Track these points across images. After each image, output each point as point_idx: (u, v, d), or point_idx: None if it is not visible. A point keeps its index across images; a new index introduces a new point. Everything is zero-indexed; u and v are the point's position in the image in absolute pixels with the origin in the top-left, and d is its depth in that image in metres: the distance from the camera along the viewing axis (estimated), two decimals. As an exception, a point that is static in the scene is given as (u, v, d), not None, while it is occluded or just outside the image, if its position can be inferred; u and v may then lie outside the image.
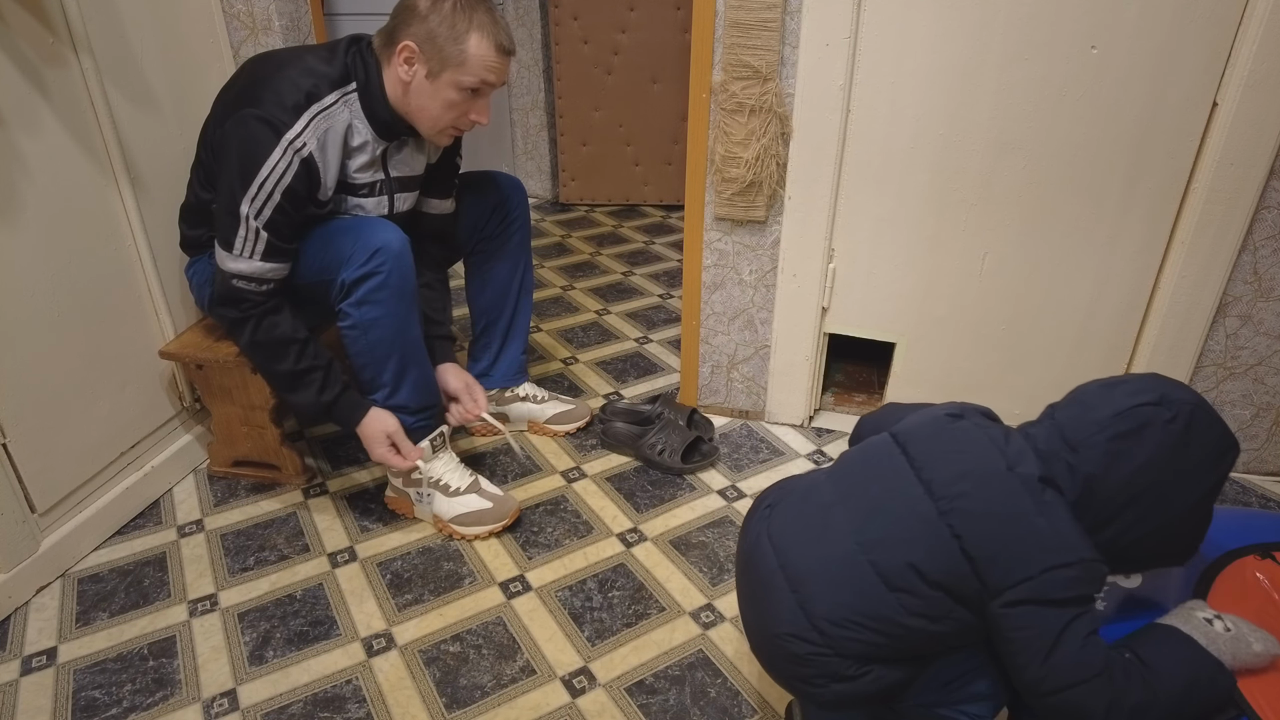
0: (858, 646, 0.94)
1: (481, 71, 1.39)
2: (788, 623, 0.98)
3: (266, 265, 1.38)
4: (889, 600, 0.93)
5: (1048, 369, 1.76)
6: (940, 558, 0.91)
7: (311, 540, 1.58)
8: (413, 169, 1.57)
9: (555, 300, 2.61)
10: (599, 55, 3.17)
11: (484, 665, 1.32)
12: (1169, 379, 0.96)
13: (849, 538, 0.97)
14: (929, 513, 0.93)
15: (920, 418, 1.04)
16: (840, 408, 1.99)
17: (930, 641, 0.94)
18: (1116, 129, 1.52)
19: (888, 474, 1.00)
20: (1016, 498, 0.90)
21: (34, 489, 1.43)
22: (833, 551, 0.98)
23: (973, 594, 0.90)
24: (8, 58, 1.32)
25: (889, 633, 0.93)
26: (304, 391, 1.45)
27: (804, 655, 0.96)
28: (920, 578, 0.92)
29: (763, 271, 1.80)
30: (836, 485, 1.04)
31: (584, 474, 1.78)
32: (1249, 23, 1.40)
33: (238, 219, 1.35)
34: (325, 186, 1.42)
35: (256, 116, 1.33)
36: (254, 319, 1.40)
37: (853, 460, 1.06)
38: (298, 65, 1.39)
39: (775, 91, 1.60)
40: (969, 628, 0.92)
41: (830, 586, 0.96)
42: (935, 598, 0.91)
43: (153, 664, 1.32)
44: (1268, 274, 1.59)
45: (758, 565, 1.04)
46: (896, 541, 0.94)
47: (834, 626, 0.95)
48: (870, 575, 0.94)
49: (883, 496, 0.98)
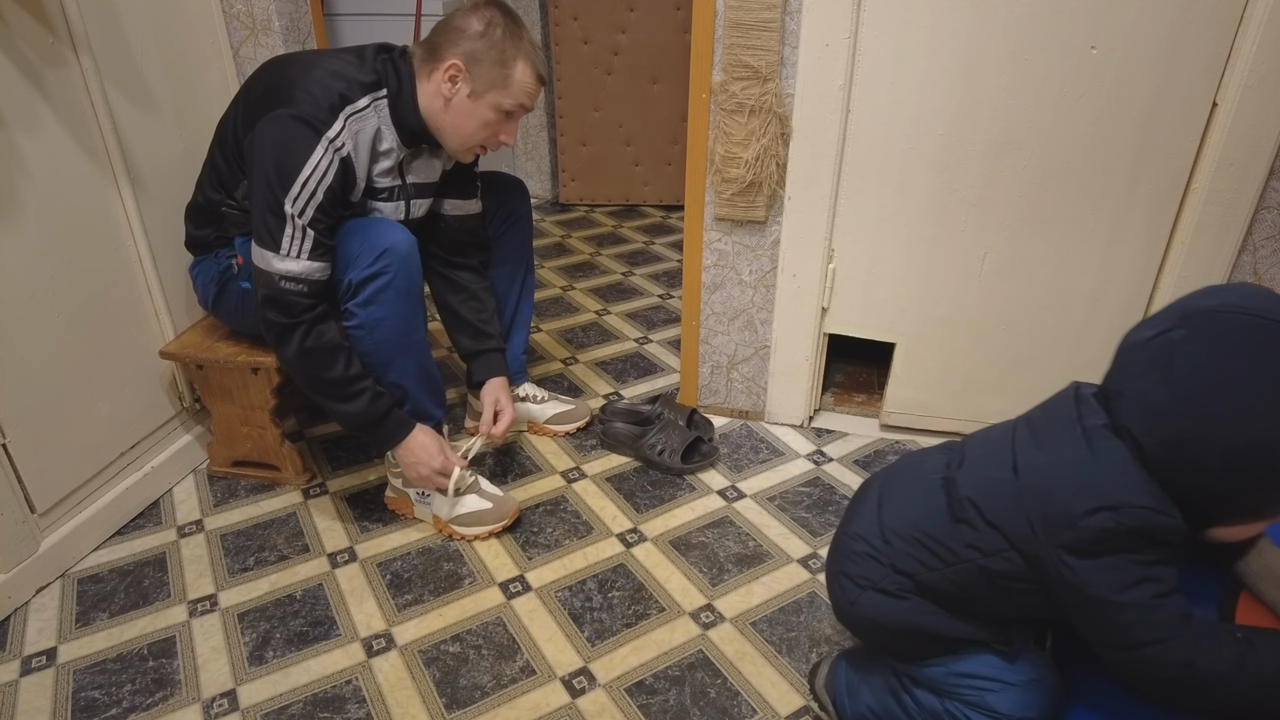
0: (911, 563, 0.99)
1: (521, 96, 1.44)
2: (862, 523, 1.06)
3: (314, 265, 1.36)
4: (950, 529, 0.96)
5: (1048, 369, 1.75)
6: (999, 495, 0.92)
7: (311, 540, 1.58)
8: (428, 176, 1.58)
9: (555, 300, 2.61)
10: (599, 55, 3.17)
11: (484, 665, 1.32)
12: (1211, 290, 0.86)
13: (939, 470, 1.02)
14: (1004, 453, 0.95)
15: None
16: (840, 408, 1.99)
17: (979, 580, 0.94)
18: (1116, 129, 1.52)
19: (994, 428, 1.03)
20: (1073, 443, 0.88)
21: (34, 489, 1.43)
22: (921, 476, 1.04)
23: (1024, 538, 0.90)
24: (8, 58, 1.32)
25: (942, 556, 0.96)
26: (356, 400, 1.42)
27: (861, 554, 1.04)
28: (979, 513, 0.93)
29: (763, 272, 1.80)
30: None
31: (584, 474, 1.78)
32: (1249, 23, 1.40)
33: (283, 218, 1.33)
34: (358, 188, 1.44)
35: (294, 116, 1.33)
36: (306, 324, 1.37)
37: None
38: (327, 67, 1.39)
39: (775, 92, 1.60)
40: (1020, 578, 0.92)
41: (906, 503, 1.03)
42: (989, 534, 0.92)
43: (152, 664, 1.32)
44: (1268, 274, 1.59)
45: (868, 481, 1.15)
46: (969, 474, 0.98)
47: (898, 539, 1.01)
48: (940, 501, 0.98)
49: (976, 437, 1.04)
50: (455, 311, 1.72)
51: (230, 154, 1.46)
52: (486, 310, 1.74)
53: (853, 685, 1.15)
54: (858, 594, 1.04)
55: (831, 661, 1.21)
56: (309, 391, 1.44)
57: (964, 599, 0.97)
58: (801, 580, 1.49)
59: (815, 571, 1.51)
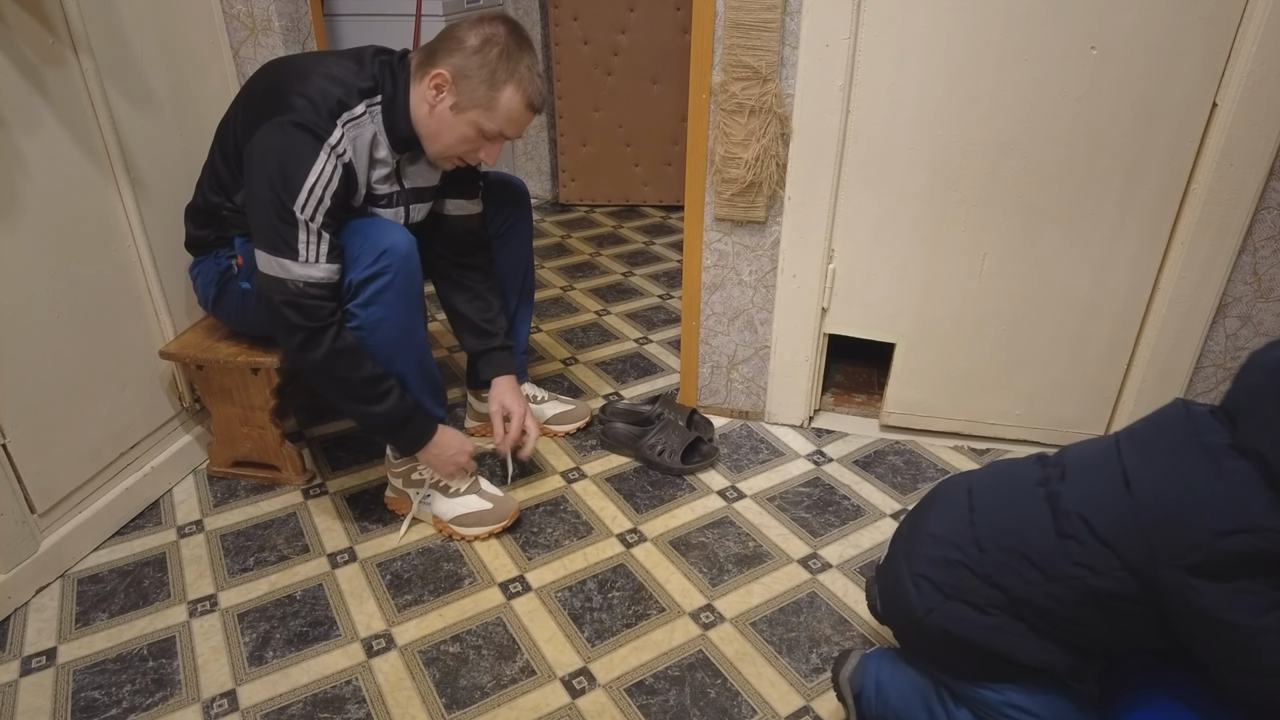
0: (1008, 575, 0.93)
1: (504, 123, 1.42)
2: (949, 527, 0.99)
3: (333, 267, 1.36)
4: (1055, 544, 0.91)
5: (1048, 369, 1.76)
6: (1111, 511, 0.88)
7: (311, 541, 1.58)
8: (427, 180, 1.58)
9: (555, 301, 2.61)
10: (599, 55, 3.17)
11: (484, 666, 1.32)
12: None
13: (1038, 481, 0.97)
14: (1111, 467, 0.91)
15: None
16: (840, 408, 1.99)
17: (1084, 598, 0.89)
18: (1116, 129, 1.52)
19: (1091, 442, 0.99)
20: (1194, 460, 0.85)
21: (34, 489, 1.43)
22: (1018, 486, 0.99)
23: (1140, 557, 0.85)
24: (8, 58, 1.32)
25: (1044, 570, 0.91)
26: (386, 400, 1.41)
27: (953, 561, 0.98)
28: (1089, 529, 0.89)
29: (762, 272, 1.80)
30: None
31: (584, 474, 1.78)
32: (1249, 23, 1.40)
33: (295, 225, 1.32)
34: (359, 194, 1.44)
35: (295, 123, 1.32)
36: (334, 326, 1.35)
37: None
38: (325, 72, 1.39)
39: (775, 92, 1.60)
40: (1131, 598, 0.87)
41: (1005, 512, 0.97)
42: (1100, 552, 0.88)
43: (152, 664, 1.32)
44: (1267, 274, 1.59)
45: (948, 482, 1.08)
46: (1075, 488, 0.93)
47: (996, 549, 0.94)
48: (1043, 514, 0.93)
49: (1074, 450, 0.99)
50: (460, 312, 1.72)
51: (230, 158, 1.46)
52: (492, 309, 1.73)
53: (882, 685, 1.12)
54: (940, 602, 0.99)
55: (861, 656, 1.18)
56: (339, 397, 1.41)
57: (1064, 618, 0.92)
58: (801, 580, 1.49)
59: (815, 572, 1.51)
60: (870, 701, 1.13)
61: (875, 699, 1.13)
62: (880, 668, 1.14)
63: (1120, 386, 1.75)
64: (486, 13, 1.43)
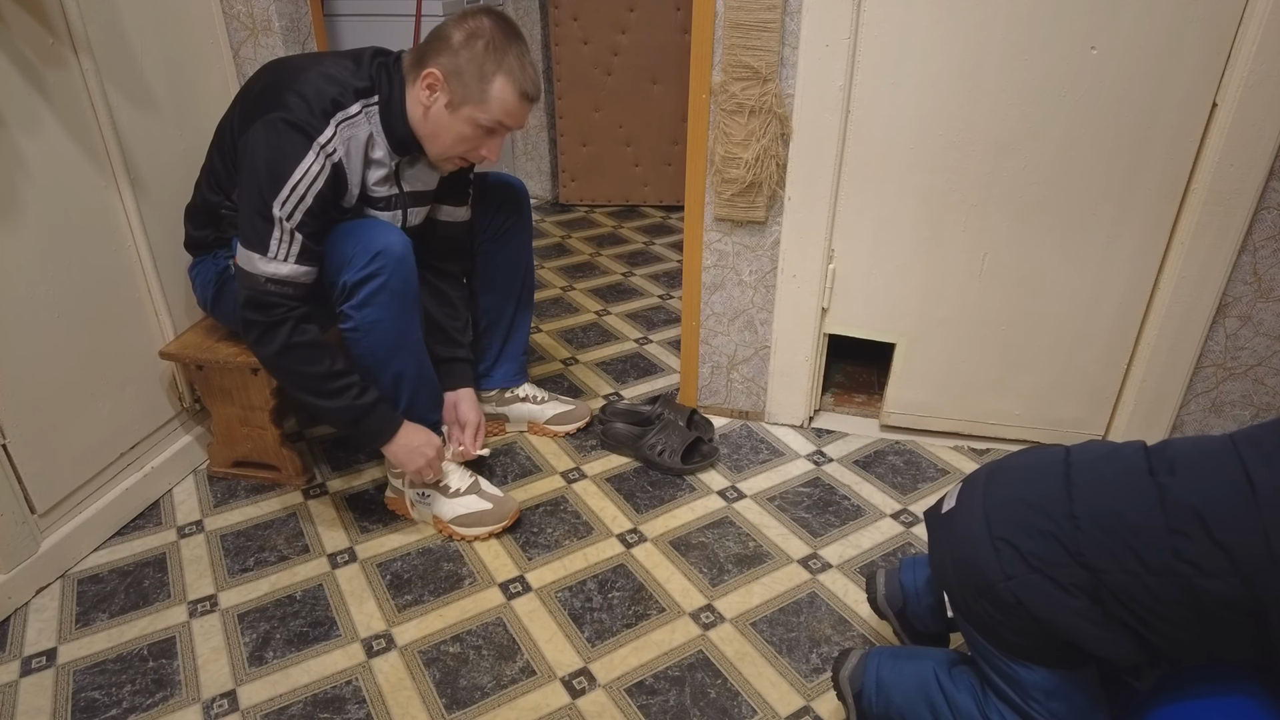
0: (1102, 557, 0.87)
1: (500, 114, 1.40)
2: (1042, 492, 0.93)
3: (301, 269, 1.36)
4: (1163, 536, 0.85)
5: (1048, 369, 1.76)
6: (1230, 512, 0.82)
7: (311, 541, 1.58)
8: (425, 184, 1.57)
9: (555, 301, 2.61)
10: (599, 55, 3.17)
11: (484, 666, 1.32)
12: None
13: (1141, 460, 0.91)
14: (1231, 466, 0.85)
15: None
16: (840, 408, 1.99)
17: (1185, 598, 0.84)
18: (1116, 129, 1.52)
19: (1201, 439, 0.92)
20: None
21: (34, 489, 1.43)
22: (1124, 465, 0.93)
23: (1259, 565, 0.80)
24: (8, 58, 1.32)
25: (1146, 561, 0.85)
26: (341, 396, 1.41)
27: (1045, 532, 0.91)
28: (1205, 528, 0.83)
29: (762, 272, 1.80)
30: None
31: (584, 475, 1.78)
32: (1249, 23, 1.40)
33: (271, 222, 1.32)
34: (351, 194, 1.43)
35: (285, 120, 1.32)
36: (291, 321, 1.35)
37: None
38: (322, 71, 1.39)
39: (775, 92, 1.60)
40: (1237, 607, 0.82)
41: (1108, 489, 0.91)
42: (1214, 553, 0.82)
43: (152, 665, 1.32)
44: (1267, 274, 1.59)
45: (1039, 449, 1.01)
46: (1188, 483, 0.86)
47: (1093, 525, 0.88)
48: (1153, 502, 0.87)
49: (1182, 445, 0.91)
50: (431, 316, 1.71)
51: (228, 157, 1.46)
52: (460, 319, 1.74)
53: (883, 683, 1.12)
54: (1025, 573, 0.92)
55: (862, 655, 1.18)
56: (293, 389, 1.42)
57: (1153, 612, 0.86)
58: (801, 580, 1.49)
59: (815, 572, 1.51)
60: (871, 700, 1.13)
61: (876, 697, 1.13)
62: (881, 665, 1.14)
63: (1120, 386, 1.75)
64: (470, 8, 1.42)
